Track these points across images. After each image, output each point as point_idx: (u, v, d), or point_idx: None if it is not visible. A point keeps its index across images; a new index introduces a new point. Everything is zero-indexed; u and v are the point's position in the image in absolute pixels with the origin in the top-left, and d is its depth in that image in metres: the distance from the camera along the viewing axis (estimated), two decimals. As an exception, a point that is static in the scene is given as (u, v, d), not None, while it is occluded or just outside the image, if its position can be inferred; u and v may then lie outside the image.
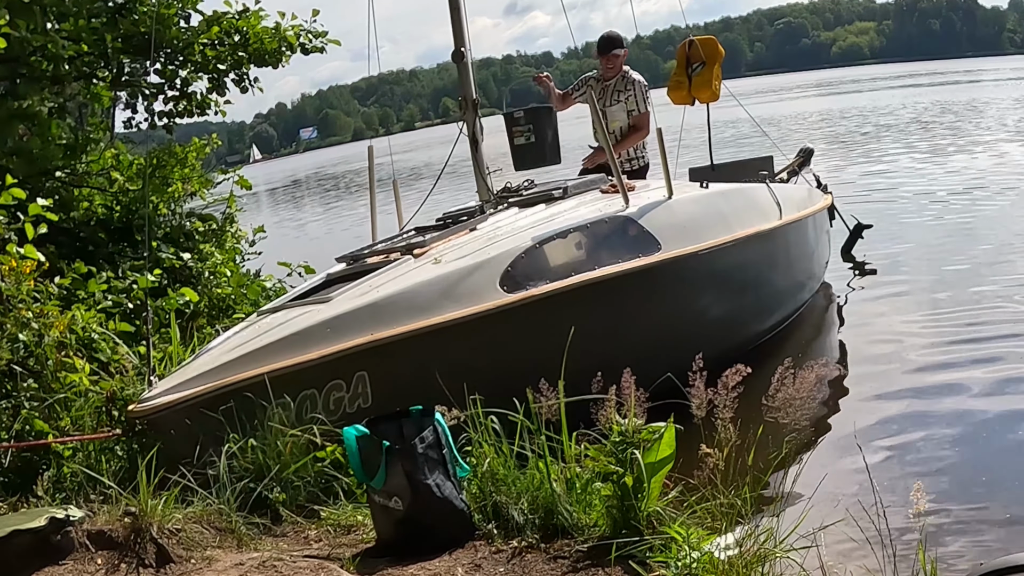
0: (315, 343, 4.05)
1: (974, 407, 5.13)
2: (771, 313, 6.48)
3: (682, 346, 3.24)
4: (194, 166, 7.27)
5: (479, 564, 3.13)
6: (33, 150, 6.19)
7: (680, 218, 5.58)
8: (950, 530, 3.80)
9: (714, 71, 7.64)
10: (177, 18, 6.83)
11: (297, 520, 3.59)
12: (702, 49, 7.62)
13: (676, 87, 7.70)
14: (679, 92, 7.69)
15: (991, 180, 12.32)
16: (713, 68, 7.63)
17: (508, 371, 3.50)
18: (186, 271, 6.53)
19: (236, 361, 3.91)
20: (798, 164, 8.46)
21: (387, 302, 4.31)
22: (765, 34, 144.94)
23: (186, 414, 3.72)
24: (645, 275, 5.13)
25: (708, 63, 7.61)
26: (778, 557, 2.91)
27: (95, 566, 3.12)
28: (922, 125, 22.29)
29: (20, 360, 4.14)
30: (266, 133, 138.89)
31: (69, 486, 3.70)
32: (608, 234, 5.26)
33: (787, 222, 6.49)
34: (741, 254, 5.89)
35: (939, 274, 7.99)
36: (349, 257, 5.24)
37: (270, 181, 46.13)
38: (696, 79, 7.64)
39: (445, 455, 3.35)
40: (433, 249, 4.86)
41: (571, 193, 5.83)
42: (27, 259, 4.26)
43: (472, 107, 5.92)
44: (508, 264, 4.67)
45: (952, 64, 69.55)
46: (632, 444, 3.08)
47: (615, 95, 6.86)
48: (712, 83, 7.65)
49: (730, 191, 6.37)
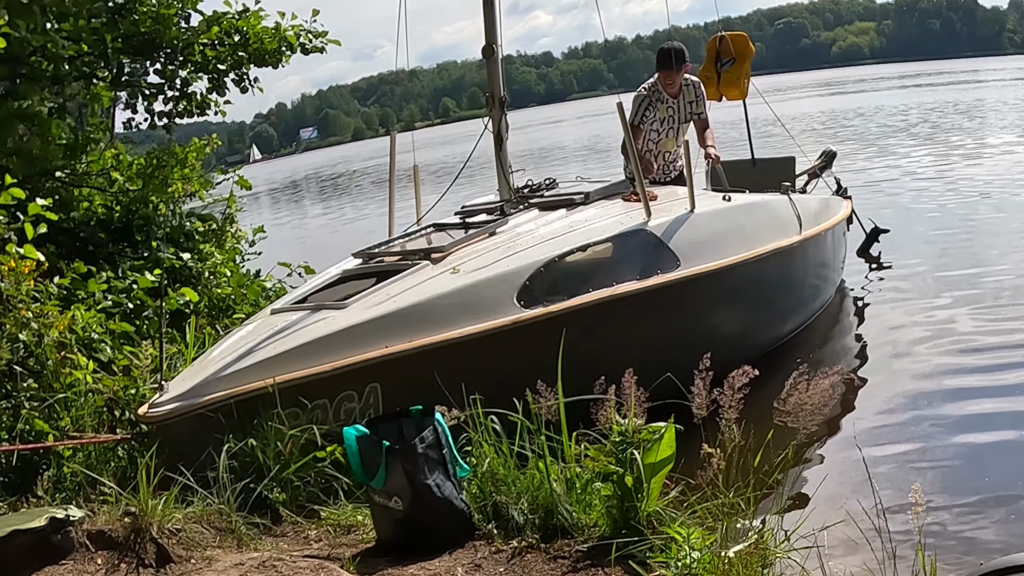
0: (329, 353, 4.05)
1: (975, 408, 5.13)
2: (786, 323, 6.47)
3: (695, 359, 3.23)
4: (194, 166, 7.26)
5: (479, 564, 3.13)
6: (33, 150, 6.19)
7: (701, 233, 5.52)
8: (950, 530, 3.80)
9: (744, 68, 7.55)
10: (177, 18, 6.82)
11: (297, 520, 3.59)
12: (732, 45, 7.54)
13: (704, 83, 7.50)
14: (707, 88, 7.49)
15: (1008, 182, 12.29)
16: (743, 65, 7.54)
17: (523, 386, 3.49)
18: (186, 271, 6.53)
19: (249, 369, 3.90)
20: (820, 167, 8.33)
21: (403, 313, 4.29)
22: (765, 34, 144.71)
23: (198, 421, 3.72)
24: (663, 292, 5.08)
25: (738, 60, 7.52)
26: (778, 557, 2.91)
27: (95, 566, 3.12)
28: (934, 125, 22.19)
29: (20, 360, 4.14)
30: (266, 133, 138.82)
31: (69, 486, 3.70)
32: (628, 248, 5.20)
33: (806, 237, 6.43)
34: (760, 271, 5.85)
35: (950, 277, 7.98)
36: (366, 254, 5.19)
37: (270, 181, 46.13)
38: (725, 76, 7.55)
39: (445, 455, 3.35)
40: (452, 255, 4.83)
41: (593, 199, 5.76)
42: (27, 259, 4.26)
43: (499, 104, 5.84)
44: (526, 278, 4.64)
45: (953, 64, 69.55)
46: (632, 444, 3.08)
47: (688, 108, 6.68)
48: (741, 80, 7.56)
49: (751, 205, 6.28)
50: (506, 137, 5.93)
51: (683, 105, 6.69)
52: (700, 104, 6.72)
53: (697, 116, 6.73)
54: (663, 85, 6.63)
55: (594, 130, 36.25)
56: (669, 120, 6.66)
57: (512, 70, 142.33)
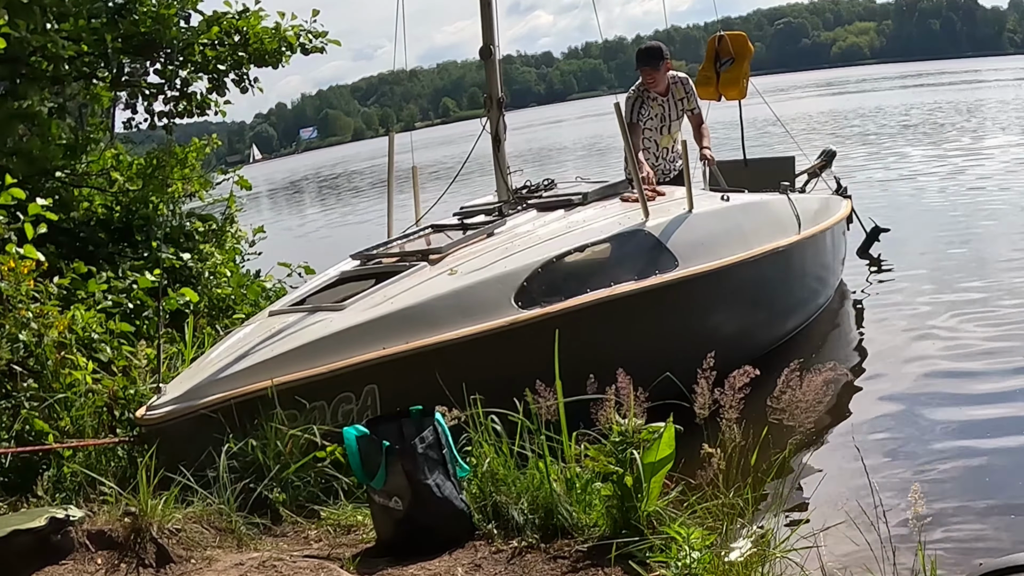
0: (327, 354, 4.04)
1: (974, 408, 5.13)
2: (785, 323, 6.46)
3: (694, 360, 3.23)
4: (194, 166, 7.26)
5: (479, 564, 3.13)
6: (33, 150, 6.18)
7: (699, 234, 5.51)
8: (950, 531, 3.80)
9: (743, 68, 7.54)
10: (177, 18, 6.82)
11: (297, 520, 3.59)
12: (732, 45, 7.53)
13: (704, 82, 7.54)
14: (707, 88, 7.54)
15: (1009, 181, 12.30)
16: (742, 65, 7.54)
17: (521, 388, 3.49)
18: (186, 271, 6.53)
19: (247, 371, 3.90)
20: (819, 167, 8.34)
21: (400, 315, 4.28)
22: (765, 34, 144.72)
23: (196, 423, 3.72)
24: (661, 293, 5.08)
25: (737, 60, 7.52)
26: (778, 558, 2.91)
27: (95, 566, 3.12)
28: (934, 125, 22.18)
29: (20, 360, 4.14)
30: (266, 133, 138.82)
31: (69, 486, 3.70)
32: (626, 249, 5.20)
33: (805, 237, 6.43)
34: (759, 271, 5.84)
35: (951, 277, 7.98)
36: (363, 255, 5.20)
37: (270, 181, 46.13)
38: (724, 75, 7.55)
39: (445, 455, 3.35)
40: (449, 256, 4.83)
41: (591, 199, 5.75)
42: (27, 259, 4.26)
43: (497, 105, 5.86)
44: (524, 280, 4.64)
45: (953, 64, 69.54)
46: (632, 444, 3.08)
47: (679, 105, 6.68)
48: (741, 80, 7.55)
49: (750, 205, 6.28)
50: (504, 138, 5.93)
51: (673, 102, 6.69)
52: (691, 100, 6.70)
53: (690, 112, 6.72)
54: (647, 84, 6.64)
55: (594, 130, 36.27)
56: (661, 117, 6.67)
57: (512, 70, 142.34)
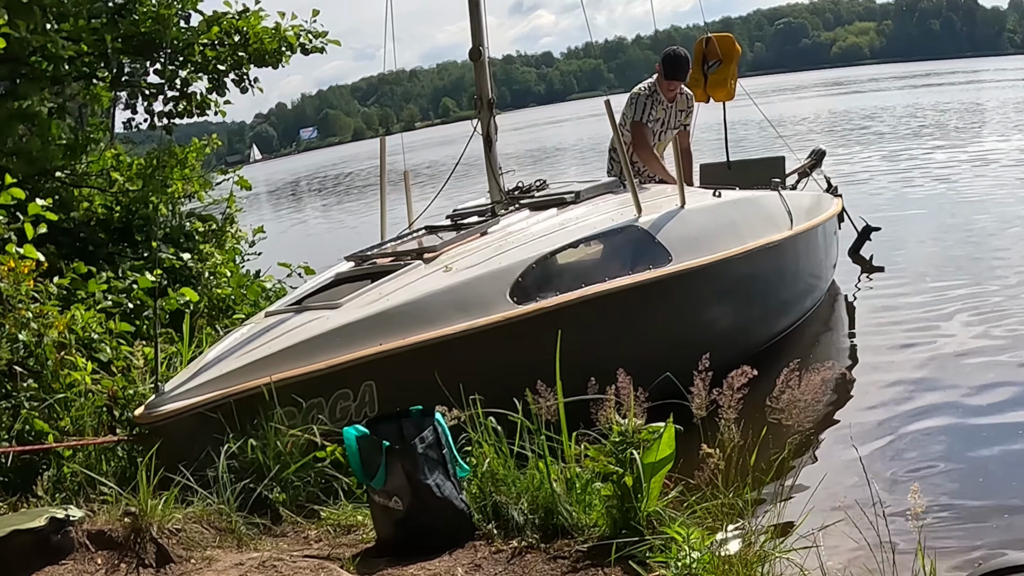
0: (323, 351, 4.05)
1: (974, 409, 5.12)
2: (779, 320, 6.47)
3: (688, 355, 3.24)
4: (194, 166, 7.27)
5: (479, 564, 3.13)
6: (33, 150, 6.19)
7: (692, 229, 5.54)
8: (949, 531, 3.80)
9: (731, 70, 7.59)
10: (177, 18, 6.83)
11: (297, 520, 3.59)
12: (719, 47, 7.57)
13: (692, 84, 7.56)
14: (694, 90, 7.52)
15: (1004, 181, 12.30)
16: (730, 67, 7.59)
17: (516, 382, 3.50)
18: (186, 271, 6.53)
19: (244, 368, 3.90)
20: (809, 166, 8.37)
21: (396, 311, 4.29)
22: (765, 34, 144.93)
23: (193, 422, 3.72)
24: (655, 287, 5.11)
25: (725, 61, 7.57)
26: (778, 557, 2.91)
27: (95, 566, 3.12)
28: (931, 125, 22.22)
29: (20, 360, 4.14)
30: (266, 133, 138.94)
31: (69, 486, 3.70)
32: (619, 244, 5.23)
33: (797, 232, 6.46)
34: (751, 265, 5.86)
35: (944, 276, 7.97)
36: (358, 256, 5.22)
37: (270, 181, 46.13)
38: (712, 77, 7.60)
39: (445, 455, 3.35)
40: (444, 255, 4.85)
41: (583, 198, 5.79)
42: (27, 259, 4.26)
43: (487, 106, 5.88)
44: (518, 275, 4.65)
45: (953, 64, 69.57)
46: (632, 444, 3.08)
47: (678, 116, 6.78)
48: (728, 82, 7.61)
49: (742, 200, 6.32)
50: (496, 139, 5.95)
51: (675, 112, 6.78)
52: (688, 116, 6.85)
53: (683, 127, 6.83)
54: (664, 90, 6.67)
55: (594, 130, 36.25)
56: (662, 123, 6.73)
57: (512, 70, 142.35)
